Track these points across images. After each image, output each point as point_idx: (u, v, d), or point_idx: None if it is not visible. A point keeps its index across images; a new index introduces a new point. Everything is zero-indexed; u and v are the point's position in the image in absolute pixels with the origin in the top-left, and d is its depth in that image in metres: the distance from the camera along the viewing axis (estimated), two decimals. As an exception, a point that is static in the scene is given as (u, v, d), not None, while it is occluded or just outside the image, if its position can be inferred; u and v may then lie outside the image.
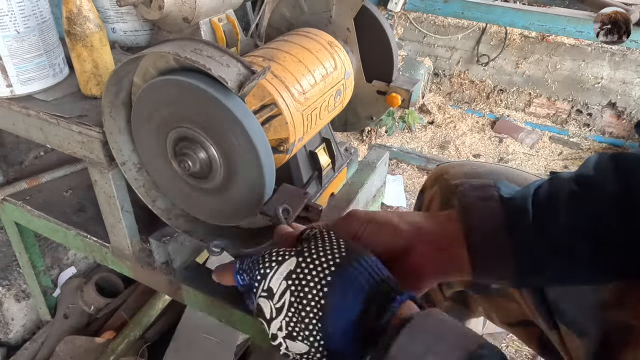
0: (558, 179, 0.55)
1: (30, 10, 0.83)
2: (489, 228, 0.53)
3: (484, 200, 0.55)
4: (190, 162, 0.70)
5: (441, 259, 0.55)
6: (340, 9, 0.97)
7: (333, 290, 0.44)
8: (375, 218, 0.56)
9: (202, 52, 0.62)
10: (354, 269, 0.45)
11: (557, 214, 0.52)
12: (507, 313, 0.74)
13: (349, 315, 0.43)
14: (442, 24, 3.05)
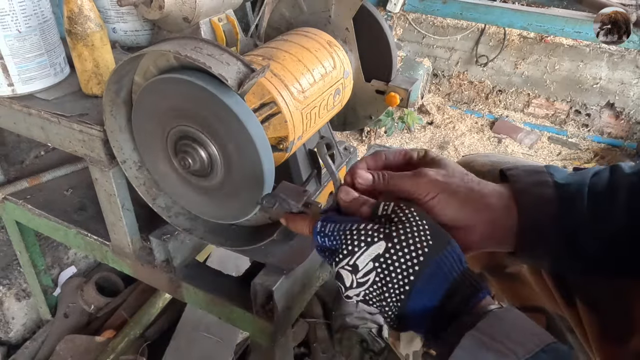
0: (618, 170, 0.55)
1: (31, 10, 0.84)
2: (542, 214, 0.53)
3: (538, 185, 0.55)
4: (190, 160, 0.70)
5: (493, 238, 0.56)
6: (339, 9, 0.97)
7: (419, 279, 0.46)
8: (446, 190, 0.54)
9: (202, 51, 0.63)
10: (440, 260, 0.47)
11: (615, 206, 0.52)
12: (517, 297, 0.75)
13: (429, 302, 0.47)
14: (441, 24, 3.06)
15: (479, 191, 0.55)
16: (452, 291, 0.46)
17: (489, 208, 0.55)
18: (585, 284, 0.62)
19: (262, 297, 0.83)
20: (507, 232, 0.55)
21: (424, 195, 0.54)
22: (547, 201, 0.54)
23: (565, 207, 0.53)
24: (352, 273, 0.49)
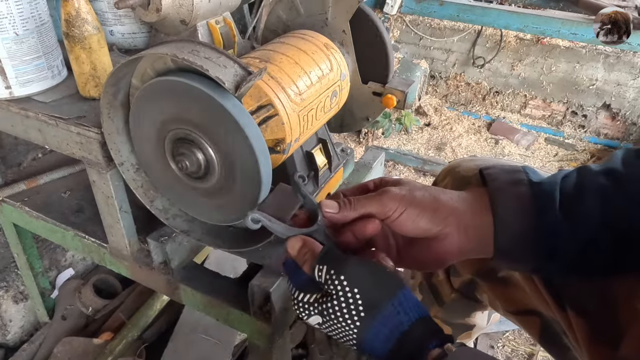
0: (586, 171, 0.56)
1: (29, 13, 0.84)
2: (516, 212, 0.54)
3: (513, 184, 0.56)
4: (188, 163, 0.70)
5: (470, 243, 0.56)
6: (336, 11, 0.98)
7: (362, 346, 0.49)
8: (412, 202, 0.55)
9: (199, 54, 0.63)
10: (374, 329, 0.48)
11: (584, 204, 0.53)
12: (511, 302, 0.75)
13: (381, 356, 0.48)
14: (438, 26, 3.07)
15: (445, 199, 0.57)
16: (395, 351, 0.47)
17: (457, 213, 0.56)
18: (572, 290, 0.63)
19: (259, 298, 0.84)
20: (484, 236, 0.55)
21: (392, 213, 0.55)
22: (522, 199, 0.55)
23: (539, 204, 0.54)
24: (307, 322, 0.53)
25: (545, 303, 0.67)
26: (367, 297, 0.48)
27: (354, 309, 0.48)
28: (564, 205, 0.53)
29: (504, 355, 1.58)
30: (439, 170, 0.86)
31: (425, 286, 0.87)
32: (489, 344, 1.61)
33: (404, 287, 0.49)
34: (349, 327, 0.49)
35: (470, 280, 0.80)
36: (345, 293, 0.48)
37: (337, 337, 0.51)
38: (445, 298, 0.84)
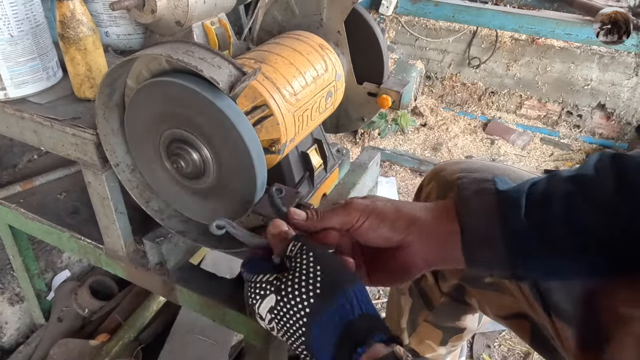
0: (556, 177, 0.57)
1: (23, 14, 0.84)
2: (482, 220, 0.55)
3: (479, 193, 0.57)
4: (183, 163, 0.71)
5: (434, 252, 0.58)
6: (331, 12, 0.98)
7: (310, 330, 0.48)
8: (374, 211, 0.57)
9: (194, 54, 0.63)
10: (327, 312, 0.48)
11: (551, 211, 0.54)
12: (500, 306, 0.75)
13: (327, 351, 0.48)
14: (433, 27, 3.08)
15: (406, 209, 0.58)
16: (338, 345, 0.47)
17: (419, 222, 0.57)
18: (555, 296, 0.63)
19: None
20: (452, 246, 0.57)
21: (355, 222, 0.57)
22: (488, 207, 0.56)
23: (504, 212, 0.55)
24: (261, 320, 0.52)
25: (533, 308, 0.68)
26: (326, 279, 0.49)
27: (312, 287, 0.49)
28: (529, 212, 0.54)
29: (500, 354, 1.59)
30: (435, 171, 0.87)
31: (415, 290, 0.87)
32: (485, 343, 1.61)
33: (359, 283, 0.51)
34: (302, 308, 0.48)
35: (458, 285, 0.80)
36: (309, 268, 0.50)
37: (286, 327, 0.50)
38: (435, 302, 0.84)
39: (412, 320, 0.89)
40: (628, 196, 0.51)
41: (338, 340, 0.47)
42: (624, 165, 0.52)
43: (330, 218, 0.58)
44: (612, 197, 0.52)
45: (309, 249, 0.52)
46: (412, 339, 0.90)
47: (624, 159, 0.53)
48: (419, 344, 0.90)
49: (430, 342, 0.89)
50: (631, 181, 0.51)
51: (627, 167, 0.52)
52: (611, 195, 0.52)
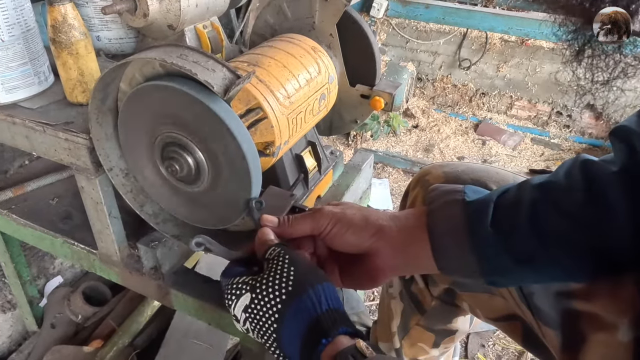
0: (525, 185, 0.58)
1: (14, 19, 0.84)
2: (449, 230, 0.58)
3: (447, 204, 0.60)
4: (177, 167, 0.71)
5: (400, 260, 0.61)
6: (323, 15, 0.99)
7: (281, 326, 0.51)
8: (342, 219, 0.60)
9: (187, 58, 0.63)
10: (296, 307, 0.51)
11: (517, 219, 0.55)
12: (491, 308, 0.76)
13: (295, 346, 0.50)
14: (424, 29, 3.10)
15: (374, 218, 0.61)
16: (305, 339, 0.50)
17: (386, 230, 0.60)
18: (538, 300, 0.64)
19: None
20: (423, 254, 0.59)
21: (324, 228, 0.60)
22: (453, 217, 0.58)
23: (470, 223, 0.57)
24: (237, 322, 0.55)
25: (522, 310, 0.69)
26: (298, 277, 0.52)
27: (285, 285, 0.52)
28: (496, 221, 0.56)
29: (495, 353, 1.60)
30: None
31: (406, 295, 0.87)
32: (479, 342, 1.62)
33: (329, 283, 0.54)
34: (274, 305, 0.51)
35: (449, 288, 0.81)
36: (283, 268, 0.53)
37: (260, 325, 0.52)
38: (426, 306, 0.85)
39: (404, 324, 0.89)
40: (597, 203, 0.52)
41: (305, 333, 0.50)
42: (593, 173, 0.53)
43: (301, 224, 0.61)
44: (581, 204, 0.52)
45: (286, 253, 0.55)
46: (404, 342, 0.91)
47: (594, 166, 0.54)
48: (412, 347, 0.90)
49: (423, 344, 0.89)
50: (600, 188, 0.52)
51: (597, 174, 0.53)
52: (580, 202, 0.53)
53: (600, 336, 0.56)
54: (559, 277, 0.57)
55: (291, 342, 0.51)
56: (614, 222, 0.51)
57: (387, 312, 0.92)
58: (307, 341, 0.50)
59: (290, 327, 0.50)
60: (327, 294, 0.52)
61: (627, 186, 0.50)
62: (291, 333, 0.50)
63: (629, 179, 0.50)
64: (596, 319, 0.57)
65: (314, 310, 0.50)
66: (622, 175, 0.51)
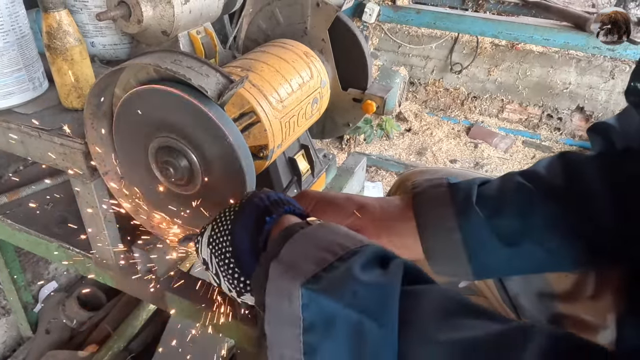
0: (509, 174, 0.60)
1: (9, 26, 0.85)
2: (435, 208, 0.59)
3: (433, 187, 0.61)
4: (172, 170, 0.71)
5: (384, 236, 0.61)
6: (315, 21, 1.00)
7: (234, 228, 0.52)
8: (324, 198, 0.62)
9: (181, 63, 0.65)
10: (245, 208, 0.52)
11: (504, 201, 0.57)
12: None
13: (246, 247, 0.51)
14: (415, 34, 3.13)
15: (356, 197, 0.63)
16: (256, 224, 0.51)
17: (367, 208, 0.61)
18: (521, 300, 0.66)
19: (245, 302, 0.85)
20: (406, 231, 0.60)
21: (307, 207, 0.62)
22: (440, 196, 0.60)
23: (456, 202, 0.58)
24: (208, 269, 0.56)
25: (505, 311, 0.70)
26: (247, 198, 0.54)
27: (235, 206, 0.54)
28: (482, 203, 0.57)
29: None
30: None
31: None
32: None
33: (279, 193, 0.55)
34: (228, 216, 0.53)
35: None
36: (242, 200, 0.55)
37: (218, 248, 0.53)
38: None
39: None
40: (576, 187, 0.54)
41: (253, 226, 0.51)
42: (571, 160, 0.56)
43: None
44: (562, 188, 0.55)
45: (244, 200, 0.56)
46: None
47: (572, 155, 0.57)
48: None
49: None
50: (578, 172, 0.54)
51: (575, 161, 0.56)
52: (561, 187, 0.55)
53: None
54: (545, 264, 0.58)
55: (242, 245, 0.51)
56: (595, 205, 0.53)
57: None
58: (255, 230, 0.50)
59: (239, 231, 0.51)
60: (271, 194, 0.54)
61: (604, 170, 0.53)
62: (241, 232, 0.51)
63: (606, 163, 0.53)
64: (578, 321, 0.59)
65: (260, 204, 0.52)
66: (599, 160, 0.54)
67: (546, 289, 0.63)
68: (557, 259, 0.56)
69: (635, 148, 0.51)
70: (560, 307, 0.61)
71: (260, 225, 0.50)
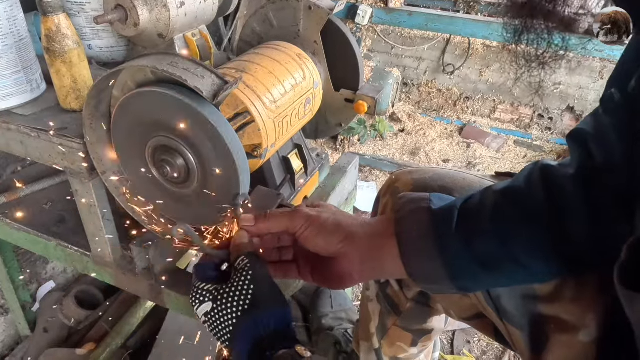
0: (488, 191, 0.61)
1: (7, 29, 0.87)
2: (416, 236, 0.61)
3: (414, 212, 0.63)
4: (169, 169, 0.74)
5: (368, 264, 0.64)
6: (308, 23, 1.03)
7: (233, 337, 0.56)
8: (315, 222, 0.64)
9: (178, 65, 0.67)
10: (245, 328, 0.55)
11: (480, 222, 0.59)
12: (463, 308, 0.79)
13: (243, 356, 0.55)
14: (408, 35, 3.17)
15: (346, 224, 0.64)
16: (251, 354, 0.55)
17: (355, 237, 0.63)
18: (504, 303, 0.68)
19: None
20: (391, 260, 0.62)
21: (298, 228, 0.64)
22: (420, 224, 0.61)
23: (437, 228, 0.60)
24: (198, 319, 0.60)
25: (487, 312, 0.73)
26: (254, 298, 0.56)
27: (242, 304, 0.56)
28: (460, 226, 0.59)
29: (480, 349, 1.64)
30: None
31: (382, 297, 0.91)
32: (465, 339, 1.66)
33: (282, 309, 0.58)
34: (230, 319, 0.56)
35: (422, 291, 0.84)
36: (244, 286, 0.57)
37: (217, 331, 0.57)
38: (402, 308, 0.88)
39: (382, 325, 0.93)
40: (556, 205, 0.55)
41: (250, 350, 0.55)
42: (551, 176, 0.57)
43: (277, 221, 0.65)
44: (541, 206, 0.56)
45: (251, 268, 0.58)
46: (383, 342, 0.94)
47: (552, 170, 0.58)
48: (391, 347, 0.94)
49: (402, 344, 0.93)
50: (558, 190, 0.56)
51: (555, 177, 0.57)
52: (540, 205, 0.56)
53: (562, 337, 0.60)
54: (526, 279, 0.61)
55: (241, 352, 0.55)
56: (573, 222, 0.54)
57: (366, 314, 0.96)
58: (253, 353, 0.54)
59: (239, 342, 0.55)
60: (276, 318, 0.56)
61: (583, 187, 0.54)
62: (241, 348, 0.55)
63: (585, 180, 0.54)
64: (559, 322, 0.61)
65: (261, 332, 0.55)
66: (578, 177, 0.55)
67: (529, 292, 0.64)
68: (537, 275, 0.58)
69: (613, 161, 0.52)
70: (542, 309, 0.63)
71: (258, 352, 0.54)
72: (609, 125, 0.52)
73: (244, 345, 0.55)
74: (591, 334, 0.57)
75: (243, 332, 0.55)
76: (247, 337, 0.55)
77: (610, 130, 0.51)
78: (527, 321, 0.65)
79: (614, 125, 0.51)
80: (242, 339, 0.55)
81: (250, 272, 0.58)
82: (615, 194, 0.51)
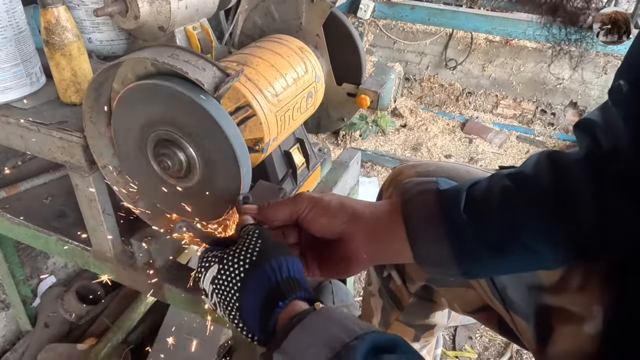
0: (496, 175, 0.61)
1: (6, 22, 0.86)
2: (424, 216, 0.60)
3: (421, 193, 0.62)
4: (169, 162, 0.73)
5: (374, 246, 0.62)
6: (310, 17, 1.02)
7: (243, 293, 0.53)
8: (319, 203, 0.62)
9: (179, 57, 0.66)
10: (257, 275, 0.53)
11: (488, 205, 0.58)
12: (467, 301, 0.79)
13: (255, 313, 0.52)
14: (410, 30, 3.15)
15: (350, 204, 0.63)
16: (265, 302, 0.52)
17: (360, 216, 0.62)
18: (510, 292, 0.67)
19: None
20: (398, 242, 0.61)
21: (302, 212, 0.62)
22: (428, 205, 0.60)
23: (444, 209, 0.59)
24: (206, 297, 0.57)
25: (493, 303, 0.72)
26: (263, 249, 0.54)
27: (249, 256, 0.54)
28: (469, 207, 0.58)
29: (482, 344, 1.64)
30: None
31: (384, 292, 0.90)
32: (467, 335, 1.66)
33: (294, 257, 0.56)
34: (238, 274, 0.53)
35: (425, 285, 0.83)
36: (251, 242, 0.55)
37: (224, 295, 0.54)
38: (404, 302, 0.88)
39: (385, 320, 0.92)
40: (563, 189, 0.55)
41: (264, 299, 0.52)
42: (559, 161, 0.56)
43: (281, 207, 0.63)
44: (549, 191, 0.55)
45: (256, 229, 0.57)
46: None
47: (560, 155, 0.57)
48: None
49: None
50: (565, 174, 0.55)
51: (562, 162, 0.56)
52: (548, 189, 0.55)
53: (567, 328, 0.60)
54: (532, 265, 0.60)
55: (252, 310, 0.52)
56: (580, 207, 0.54)
57: (368, 309, 0.95)
58: (266, 306, 0.51)
59: (251, 295, 0.52)
60: (288, 264, 0.54)
61: (591, 172, 0.54)
62: (252, 300, 0.52)
63: (593, 166, 0.54)
64: (565, 312, 0.60)
65: (274, 277, 0.52)
66: (586, 163, 0.55)
67: (534, 282, 0.64)
68: (544, 260, 0.57)
69: (621, 148, 0.52)
70: (547, 299, 0.62)
71: (270, 304, 0.51)
72: (617, 115, 0.51)
73: (257, 295, 0.52)
74: (596, 326, 0.57)
75: (254, 283, 0.52)
76: (259, 286, 0.52)
77: (618, 120, 0.51)
78: (533, 311, 0.64)
79: (622, 116, 0.51)
80: (253, 290, 0.52)
81: (257, 231, 0.56)
82: (623, 179, 0.51)
